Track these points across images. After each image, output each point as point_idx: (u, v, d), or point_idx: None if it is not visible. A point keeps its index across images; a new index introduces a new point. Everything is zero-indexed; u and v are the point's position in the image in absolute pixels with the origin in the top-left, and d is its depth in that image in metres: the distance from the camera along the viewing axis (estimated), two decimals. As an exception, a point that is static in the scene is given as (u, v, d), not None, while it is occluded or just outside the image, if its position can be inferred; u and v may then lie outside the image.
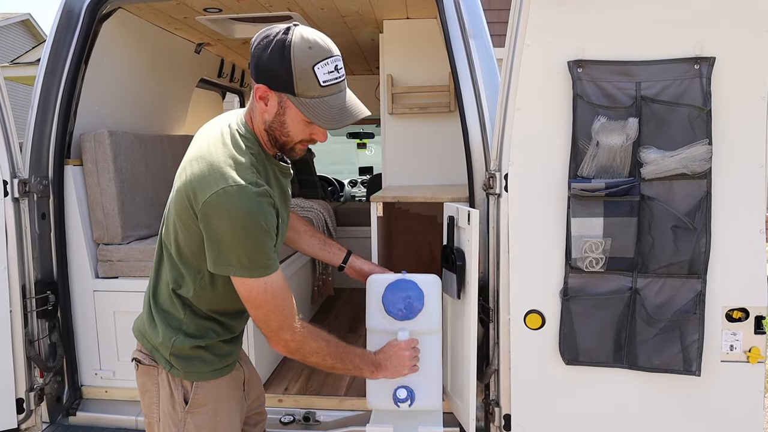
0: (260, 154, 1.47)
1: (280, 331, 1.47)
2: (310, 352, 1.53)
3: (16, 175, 2.11)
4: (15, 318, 2.10)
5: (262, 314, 1.46)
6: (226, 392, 1.61)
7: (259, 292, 1.42)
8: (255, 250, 1.38)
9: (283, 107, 1.39)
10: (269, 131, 1.45)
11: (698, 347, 1.73)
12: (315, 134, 1.46)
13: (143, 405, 1.63)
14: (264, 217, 1.37)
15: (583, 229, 1.74)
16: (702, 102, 1.67)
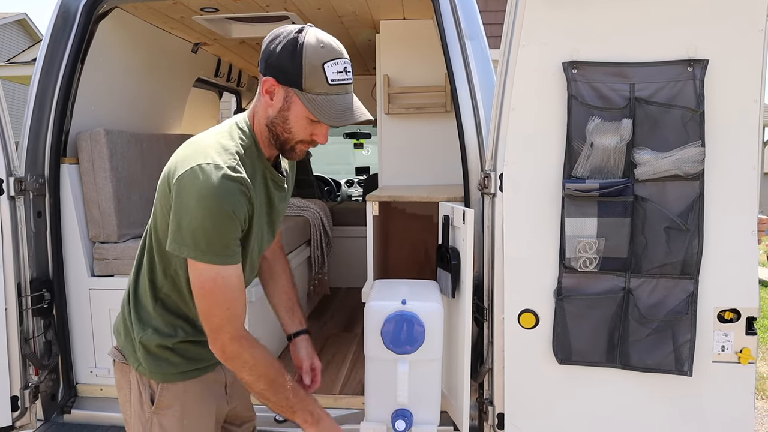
0: (252, 150, 1.46)
1: (219, 330, 1.41)
2: (244, 366, 1.44)
3: (12, 173, 2.11)
4: (10, 316, 2.10)
5: (206, 306, 1.40)
6: (196, 395, 1.58)
7: (206, 280, 1.37)
8: (214, 235, 1.33)
9: (289, 102, 1.40)
10: (271, 127, 1.45)
11: (690, 347, 1.75)
12: (316, 135, 1.46)
13: (120, 402, 1.63)
14: (232, 203, 1.34)
15: (577, 229, 1.76)
16: (695, 104, 1.69)
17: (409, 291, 1.85)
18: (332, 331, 3.17)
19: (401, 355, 1.73)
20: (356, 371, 2.61)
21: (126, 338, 1.57)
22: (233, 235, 1.37)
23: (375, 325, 1.74)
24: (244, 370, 1.44)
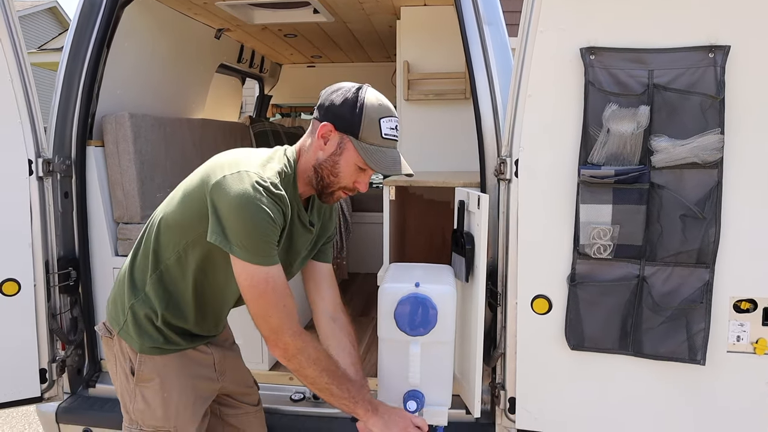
0: (290, 181, 1.54)
1: (280, 331, 1.46)
2: (309, 361, 1.49)
3: (40, 155, 2.17)
4: (39, 292, 2.18)
5: (262, 308, 1.45)
6: (176, 370, 1.65)
7: (260, 280, 1.42)
8: (258, 236, 1.39)
9: (342, 148, 1.50)
10: (318, 168, 1.54)
11: (704, 337, 1.74)
12: (359, 183, 1.56)
13: (110, 375, 1.74)
14: (273, 212, 1.40)
15: (591, 216, 1.76)
16: (715, 91, 1.67)
17: (423, 274, 1.87)
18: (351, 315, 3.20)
19: (414, 337, 1.76)
20: (371, 354, 2.65)
21: (113, 304, 1.66)
22: (273, 238, 1.44)
23: (388, 306, 1.76)
24: (308, 365, 1.49)
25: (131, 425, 1.66)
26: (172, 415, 1.64)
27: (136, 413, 1.64)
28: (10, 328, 2.12)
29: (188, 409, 1.67)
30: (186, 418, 1.66)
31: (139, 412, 1.63)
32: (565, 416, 1.90)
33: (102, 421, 2.29)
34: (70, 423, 2.31)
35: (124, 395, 1.66)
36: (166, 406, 1.63)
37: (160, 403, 1.62)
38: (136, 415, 1.64)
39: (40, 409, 2.33)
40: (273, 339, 1.47)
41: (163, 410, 1.63)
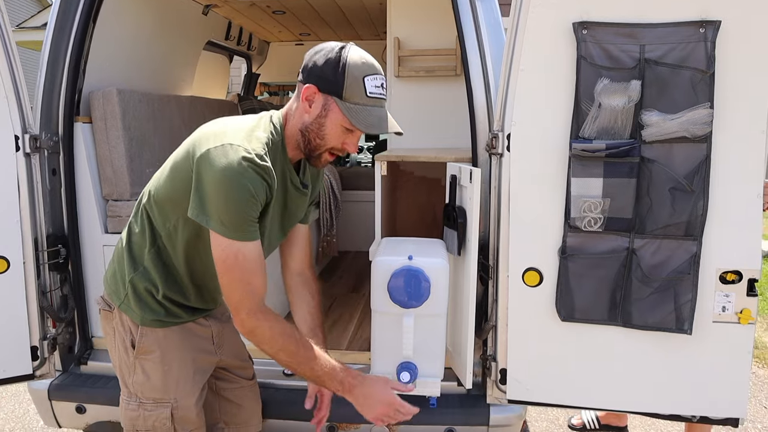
0: (278, 147, 1.54)
1: (239, 305, 1.48)
2: (263, 340, 1.51)
3: (27, 130, 2.14)
4: (28, 269, 2.16)
5: (227, 281, 1.48)
6: (176, 342, 1.67)
7: (228, 255, 1.44)
8: (237, 211, 1.40)
9: (327, 109, 1.49)
10: (305, 132, 1.53)
11: (691, 307, 1.78)
12: (347, 144, 1.55)
13: (108, 348, 1.74)
14: (254, 187, 1.40)
15: (582, 189, 1.78)
16: (705, 65, 1.69)
17: (415, 248, 1.89)
18: (340, 292, 3.23)
19: (407, 310, 1.78)
20: (362, 329, 2.67)
21: (113, 278, 1.66)
22: (254, 214, 1.44)
23: (382, 279, 1.78)
24: (263, 343, 1.52)
25: (130, 398, 1.66)
26: (172, 387, 1.65)
27: (136, 386, 1.65)
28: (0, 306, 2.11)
29: (188, 381, 1.68)
30: (186, 390, 1.68)
31: (139, 385, 1.64)
32: (555, 386, 1.94)
33: (95, 397, 2.29)
34: (62, 400, 2.31)
35: (123, 368, 1.67)
36: (166, 378, 1.64)
37: (160, 376, 1.63)
38: (135, 387, 1.65)
39: (31, 386, 2.32)
40: (234, 312, 1.51)
41: (163, 382, 1.64)
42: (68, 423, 2.38)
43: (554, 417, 3.28)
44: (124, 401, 1.68)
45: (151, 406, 1.64)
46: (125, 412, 1.68)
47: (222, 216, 1.41)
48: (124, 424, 1.70)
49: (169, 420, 1.65)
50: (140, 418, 1.65)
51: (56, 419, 2.37)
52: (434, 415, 2.11)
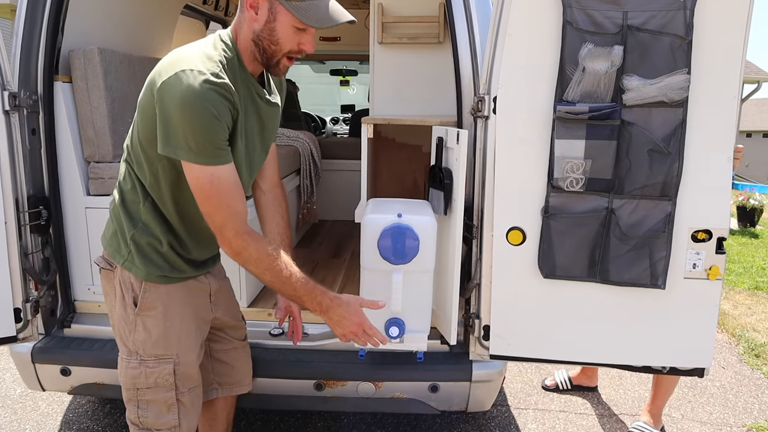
0: (234, 63, 1.50)
1: (224, 228, 1.48)
2: (250, 260, 1.51)
3: (5, 87, 2.09)
4: (10, 230, 2.13)
5: (208, 207, 1.47)
6: (179, 299, 1.68)
7: (204, 182, 1.43)
8: (203, 135, 1.39)
9: (274, 13, 1.44)
10: (257, 41, 1.49)
11: (665, 264, 1.88)
12: (303, 44, 1.51)
13: (107, 308, 1.74)
14: (215, 106, 1.38)
15: (565, 151, 1.85)
16: (684, 32, 1.76)
17: (403, 207, 1.94)
18: (322, 257, 3.27)
19: (396, 266, 1.84)
20: (346, 290, 2.72)
21: (113, 237, 1.65)
22: (221, 137, 1.43)
23: (372, 237, 1.83)
24: (250, 263, 1.52)
25: (130, 357, 1.66)
26: (173, 343, 1.66)
27: (137, 343, 1.65)
28: (-18, 267, 2.08)
29: (190, 337, 1.70)
30: (188, 346, 1.69)
31: (140, 342, 1.64)
32: (536, 341, 2.03)
33: (80, 359, 2.29)
34: (46, 363, 2.31)
35: (123, 327, 1.66)
36: (168, 334, 1.65)
37: (162, 332, 1.64)
38: (136, 345, 1.65)
39: (13, 349, 2.31)
40: (219, 237, 1.50)
41: (165, 338, 1.65)
42: (52, 386, 2.38)
43: (528, 379, 3.42)
44: (124, 360, 1.68)
45: (153, 363, 1.65)
46: (126, 371, 1.67)
47: (189, 143, 1.39)
48: (125, 384, 1.69)
49: (172, 376, 1.66)
50: (142, 375, 1.65)
51: (40, 382, 2.37)
52: (419, 371, 2.19)
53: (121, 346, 1.70)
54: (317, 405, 2.38)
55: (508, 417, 2.98)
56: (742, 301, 4.91)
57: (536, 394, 3.24)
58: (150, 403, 1.67)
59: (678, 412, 3.08)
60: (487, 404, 2.31)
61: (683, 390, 3.32)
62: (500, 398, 3.16)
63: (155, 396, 1.67)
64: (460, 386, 2.22)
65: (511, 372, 3.49)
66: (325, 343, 2.32)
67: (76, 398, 3.05)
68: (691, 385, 3.38)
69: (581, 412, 3.05)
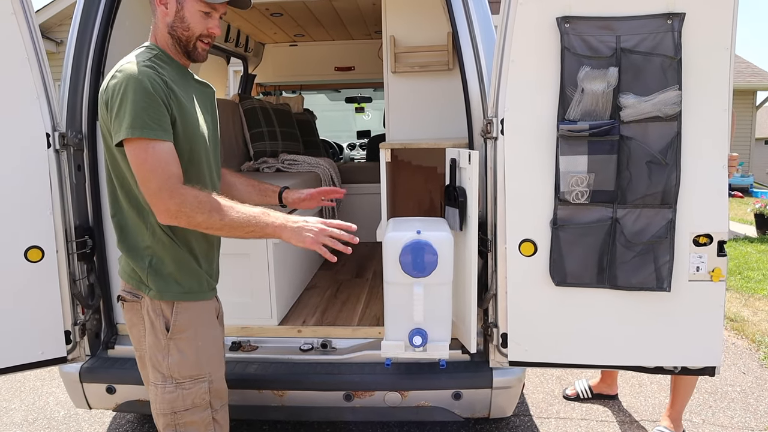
0: (163, 56, 1.68)
1: (159, 192, 1.50)
2: (194, 208, 1.50)
3: (56, 128, 2.30)
4: (61, 258, 2.32)
5: (143, 174, 1.50)
6: (205, 319, 1.74)
7: (140, 151, 1.49)
8: (140, 111, 1.49)
9: (181, 2, 1.65)
10: (172, 33, 1.68)
11: (669, 268, 2.00)
12: (211, 28, 1.69)
13: (133, 341, 1.79)
14: (149, 81, 1.52)
15: (570, 166, 1.99)
16: (673, 52, 1.91)
17: (421, 225, 2.09)
18: (345, 278, 3.42)
19: (417, 279, 1.98)
20: (370, 308, 2.87)
21: (133, 271, 1.70)
22: (160, 112, 1.53)
23: (394, 253, 1.98)
24: (195, 213, 1.51)
25: (165, 382, 1.69)
26: (205, 362, 1.72)
27: (172, 367, 1.68)
28: (36, 293, 2.26)
29: (217, 355, 1.78)
30: (216, 363, 1.78)
31: (175, 365, 1.68)
32: (551, 346, 2.15)
33: (124, 378, 2.45)
34: (93, 381, 2.47)
35: (156, 354, 1.69)
36: (200, 354, 1.70)
37: (194, 352, 1.69)
38: (171, 369, 1.68)
39: (63, 370, 2.48)
40: (155, 203, 1.52)
41: (198, 358, 1.70)
42: (98, 404, 2.54)
43: (550, 389, 3.50)
44: (159, 386, 1.70)
45: (189, 384, 1.69)
46: (162, 396, 1.69)
47: (128, 121, 1.49)
48: (161, 410, 1.70)
49: (207, 394, 1.71)
50: (179, 398, 1.68)
51: (87, 401, 2.53)
52: (442, 379, 2.31)
53: (153, 373, 1.72)
54: (347, 415, 2.50)
55: (531, 426, 3.07)
56: (762, 308, 4.94)
57: (558, 403, 3.32)
58: (188, 425, 1.70)
59: (699, 416, 3.14)
60: (508, 410, 2.42)
61: (703, 395, 3.38)
62: (522, 408, 3.26)
63: (193, 417, 1.70)
64: (482, 393, 2.33)
65: (533, 383, 3.58)
66: (353, 356, 2.46)
67: (116, 418, 3.21)
68: (712, 391, 3.44)
69: (602, 419, 3.13)
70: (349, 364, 2.45)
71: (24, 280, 2.22)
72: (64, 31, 10.82)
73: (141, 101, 1.51)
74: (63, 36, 10.79)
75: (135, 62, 1.57)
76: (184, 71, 1.74)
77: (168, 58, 1.70)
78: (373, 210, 4.29)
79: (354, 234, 1.63)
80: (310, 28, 4.32)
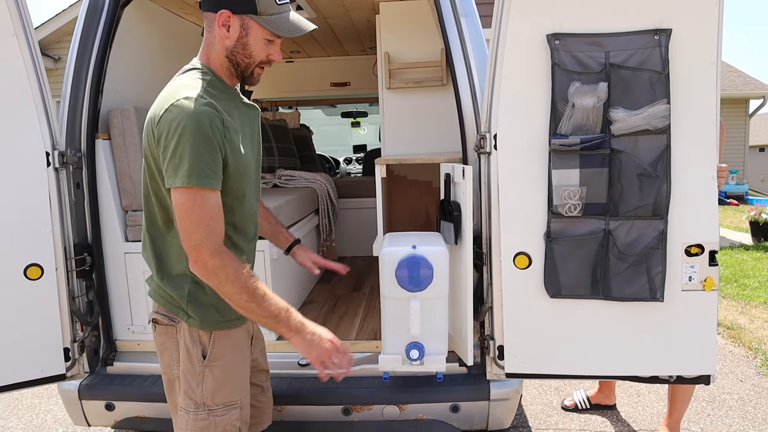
0: (215, 82, 1.60)
1: (200, 246, 1.47)
2: (228, 278, 1.49)
3: (56, 147, 2.33)
4: (60, 275, 2.34)
5: (186, 224, 1.47)
6: (240, 345, 1.75)
7: (186, 199, 1.45)
8: (197, 157, 1.44)
9: (246, 28, 1.56)
10: (231, 57, 1.59)
11: (662, 278, 2.03)
12: (272, 55, 1.63)
13: (162, 364, 1.75)
14: (208, 122, 1.45)
15: (562, 180, 2.02)
16: (661, 67, 1.95)
17: (417, 239, 2.11)
18: (343, 292, 3.44)
19: (413, 293, 2.00)
20: (367, 322, 2.88)
21: (170, 298, 1.68)
22: (216, 159, 1.48)
23: (390, 267, 2.00)
24: (227, 282, 1.50)
25: (198, 409, 1.66)
26: (238, 390, 1.72)
27: (206, 394, 1.66)
28: (35, 311, 2.28)
29: (246, 381, 1.78)
30: (245, 389, 1.77)
31: (209, 393, 1.66)
32: (548, 357, 2.17)
33: (123, 394, 2.46)
34: (92, 398, 2.48)
35: (190, 381, 1.67)
36: (234, 381, 1.70)
37: (228, 380, 1.68)
38: (205, 396, 1.66)
39: (62, 387, 2.48)
40: (194, 255, 1.49)
41: (232, 385, 1.69)
42: (97, 421, 2.54)
43: (548, 400, 3.51)
44: (191, 413, 1.67)
45: (221, 411, 1.67)
46: (194, 423, 1.66)
47: (186, 169, 1.43)
48: None
49: (238, 421, 1.71)
50: (211, 426, 1.66)
51: (86, 418, 2.54)
52: (440, 392, 2.33)
53: (185, 400, 1.69)
54: (346, 429, 2.50)
55: (530, 437, 3.08)
56: (758, 315, 4.96)
57: (556, 414, 3.33)
58: None
59: (697, 425, 3.16)
60: (506, 422, 2.43)
61: (701, 404, 3.40)
62: (521, 419, 3.26)
63: None
64: (480, 405, 2.34)
65: (531, 394, 3.59)
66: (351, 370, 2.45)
67: (115, 435, 3.20)
68: (710, 399, 3.45)
69: (601, 430, 3.14)
70: (347, 379, 2.45)
71: (23, 298, 2.24)
72: (62, 48, 10.90)
73: (199, 146, 1.45)
74: (61, 53, 10.86)
75: (192, 98, 1.47)
76: (233, 95, 1.66)
77: (221, 83, 1.62)
78: (370, 224, 4.32)
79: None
80: (306, 44, 4.37)
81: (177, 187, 1.46)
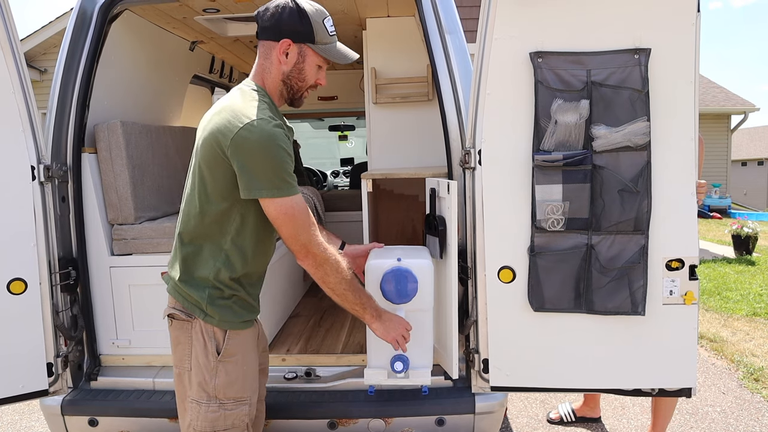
0: (272, 104, 1.77)
1: (309, 244, 1.68)
2: (333, 270, 1.71)
3: (41, 161, 2.32)
4: (44, 290, 2.32)
5: (292, 230, 1.67)
6: (251, 344, 1.86)
7: (288, 208, 1.65)
8: (282, 171, 1.62)
9: (303, 56, 1.75)
10: (286, 80, 1.77)
11: (643, 292, 2.06)
12: (320, 79, 1.84)
13: (175, 356, 1.84)
14: (285, 143, 1.64)
15: (545, 195, 2.05)
16: (641, 86, 2.00)
17: (402, 253, 2.13)
18: (329, 304, 3.43)
19: (398, 305, 2.02)
20: (354, 335, 2.88)
21: (188, 298, 1.78)
22: (292, 168, 1.67)
23: (375, 280, 2.02)
24: (332, 273, 1.73)
25: (209, 401, 1.77)
26: (248, 387, 1.82)
27: (218, 388, 1.76)
28: (18, 326, 2.26)
29: (256, 379, 1.87)
30: (254, 387, 1.86)
31: (222, 387, 1.76)
32: (532, 371, 2.18)
33: (107, 410, 2.44)
34: (75, 414, 2.45)
35: (204, 374, 1.77)
36: (245, 378, 1.80)
37: (240, 376, 1.79)
38: (217, 390, 1.76)
39: (44, 403, 2.45)
40: (304, 252, 1.69)
41: (243, 382, 1.80)
42: (79, 437, 2.51)
43: (534, 413, 3.52)
44: (203, 405, 1.77)
45: (231, 405, 1.77)
46: (205, 414, 1.76)
47: (272, 180, 1.61)
48: (202, 427, 1.78)
49: (247, 417, 1.81)
50: (221, 418, 1.76)
51: (68, 434, 2.50)
52: (425, 406, 2.33)
53: (198, 392, 1.78)
54: (331, 444, 2.50)
55: (516, 451, 3.09)
56: (740, 328, 5.03)
57: (542, 427, 3.34)
58: None
59: (680, 438, 3.18)
60: (491, 435, 2.44)
61: (684, 416, 3.43)
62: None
63: None
64: (465, 419, 2.35)
65: (516, 407, 3.60)
66: (337, 384, 2.47)
67: (98, 452, 3.16)
68: (693, 411, 3.49)
69: (586, 442, 3.16)
70: (333, 392, 2.46)
71: (6, 313, 2.22)
72: (48, 60, 10.84)
73: (283, 161, 1.62)
74: (48, 65, 10.81)
75: (265, 119, 1.62)
76: (281, 116, 1.79)
77: (273, 104, 1.78)
78: (357, 237, 4.33)
79: None
80: (293, 58, 4.40)
81: (275, 198, 1.63)
